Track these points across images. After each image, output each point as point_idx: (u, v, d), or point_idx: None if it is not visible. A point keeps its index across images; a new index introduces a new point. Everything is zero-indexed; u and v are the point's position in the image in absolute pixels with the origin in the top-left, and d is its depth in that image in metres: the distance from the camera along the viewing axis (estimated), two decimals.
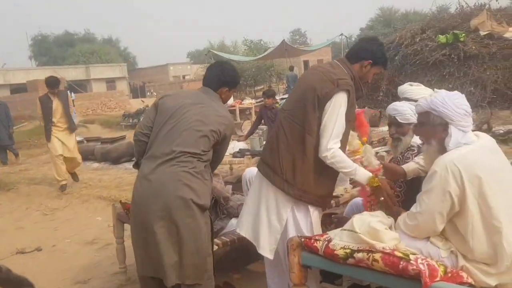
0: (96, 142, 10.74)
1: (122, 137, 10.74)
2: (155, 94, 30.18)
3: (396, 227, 2.24)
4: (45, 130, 7.15)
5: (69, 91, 14.31)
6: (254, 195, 2.67)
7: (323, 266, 2.32)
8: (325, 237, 2.30)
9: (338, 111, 2.37)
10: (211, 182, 2.67)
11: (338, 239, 2.21)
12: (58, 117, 7.03)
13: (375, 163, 2.69)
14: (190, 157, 2.47)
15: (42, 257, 4.57)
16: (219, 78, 2.72)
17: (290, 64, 21.17)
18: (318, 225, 2.59)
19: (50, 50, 47.68)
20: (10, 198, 7.33)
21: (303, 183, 2.45)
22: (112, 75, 37.21)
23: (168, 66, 43.71)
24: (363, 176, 2.45)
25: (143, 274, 2.57)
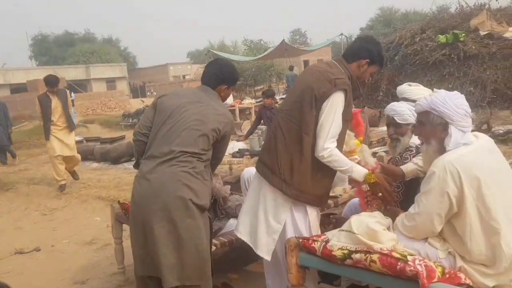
0: (95, 142, 10.73)
1: (122, 137, 10.73)
2: (155, 94, 30.13)
3: (394, 228, 2.23)
4: (44, 129, 7.12)
5: (69, 91, 14.32)
6: (253, 196, 2.67)
7: (321, 267, 2.32)
8: (323, 237, 2.30)
9: (335, 111, 2.36)
10: (211, 183, 2.66)
11: (336, 240, 2.20)
12: (57, 116, 7.01)
13: (372, 162, 2.69)
14: (190, 156, 2.46)
15: (40, 257, 4.56)
16: (218, 76, 2.70)
17: (290, 64, 21.16)
18: (316, 225, 2.59)
19: (50, 50, 47.66)
20: (9, 198, 7.33)
21: (301, 183, 2.45)
22: (112, 75, 37.21)
23: (168, 66, 43.68)
24: (360, 173, 2.46)
25: (142, 273, 2.56)
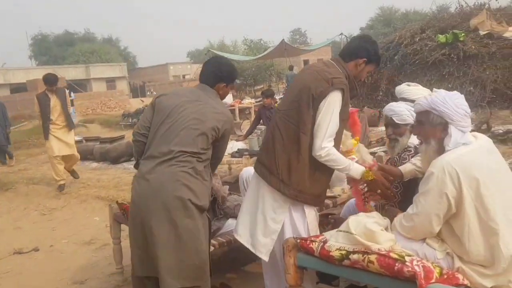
0: (95, 142, 10.71)
1: (121, 136, 10.71)
2: (155, 93, 30.13)
3: (392, 228, 2.23)
4: (43, 128, 7.08)
5: (68, 91, 14.31)
6: (251, 196, 2.66)
7: (319, 267, 2.31)
8: (320, 238, 2.29)
9: (332, 110, 2.36)
10: (211, 183, 2.66)
11: (333, 240, 2.20)
12: (56, 115, 6.97)
13: (370, 160, 2.69)
14: (189, 156, 2.46)
15: (39, 257, 4.56)
16: (216, 74, 2.69)
17: (290, 63, 21.16)
18: (315, 225, 2.59)
19: (50, 49, 47.66)
20: (9, 198, 7.33)
21: (299, 183, 2.45)
22: (112, 75, 37.21)
23: (168, 65, 43.69)
24: (357, 171, 2.46)
25: (141, 274, 2.55)
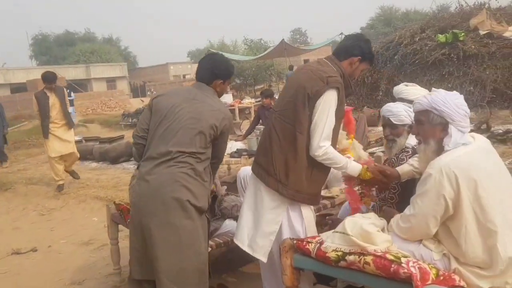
0: (94, 142, 10.71)
1: (121, 136, 10.71)
2: (155, 93, 30.15)
3: (388, 229, 2.22)
4: (42, 127, 7.04)
5: (69, 91, 14.32)
6: (249, 198, 2.65)
7: (315, 268, 2.31)
8: (317, 239, 2.29)
9: (328, 109, 2.36)
10: (210, 184, 2.64)
11: (330, 242, 2.19)
12: (55, 113, 6.93)
13: (365, 156, 2.69)
14: (188, 156, 2.45)
15: (37, 257, 4.55)
16: (212, 71, 2.67)
17: (290, 63, 21.15)
18: (312, 225, 2.58)
19: (50, 49, 47.68)
20: (8, 198, 7.33)
21: (296, 183, 2.44)
22: (112, 75, 37.26)
23: (168, 65, 43.70)
24: (355, 169, 2.47)
25: (139, 277, 2.54)
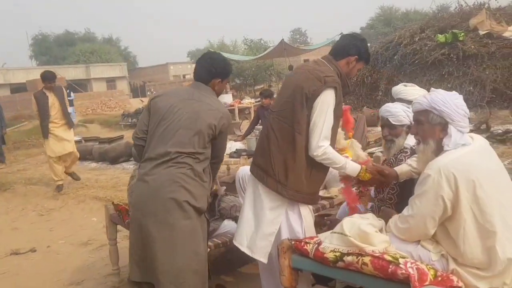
0: (94, 142, 10.71)
1: (120, 137, 10.69)
2: (155, 93, 30.14)
3: (387, 230, 2.22)
4: (41, 127, 7.01)
5: (68, 91, 14.31)
6: (249, 199, 2.64)
7: (314, 269, 2.31)
8: (315, 240, 2.29)
9: (326, 109, 2.37)
10: (210, 184, 2.63)
11: (328, 242, 2.19)
12: (55, 113, 6.91)
13: (363, 155, 2.69)
14: (186, 157, 2.44)
15: (36, 258, 4.55)
16: (210, 70, 2.65)
17: (290, 63, 21.14)
18: (311, 226, 2.58)
19: (50, 49, 47.66)
20: (7, 198, 7.32)
21: (296, 183, 2.44)
22: (112, 75, 37.26)
23: (168, 65, 43.71)
24: (354, 169, 2.47)
25: (137, 279, 2.54)
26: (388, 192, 2.69)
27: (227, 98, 15.43)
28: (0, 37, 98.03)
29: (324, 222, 3.01)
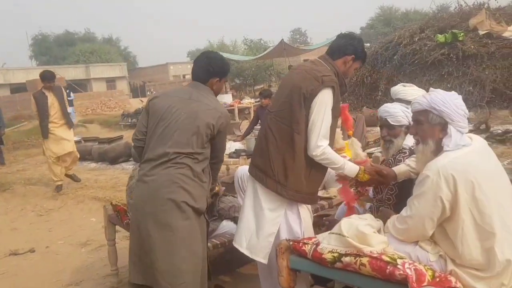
0: (93, 142, 10.72)
1: (120, 137, 10.70)
2: (155, 93, 30.17)
3: (385, 230, 2.21)
4: (41, 127, 7.00)
5: (68, 91, 14.31)
6: (248, 200, 2.64)
7: (312, 269, 2.30)
8: (313, 240, 2.28)
9: (324, 108, 2.37)
10: (209, 184, 2.63)
11: (326, 243, 2.19)
12: (54, 113, 6.90)
13: (362, 155, 2.69)
14: (185, 157, 2.44)
15: (35, 258, 4.55)
16: (207, 70, 2.64)
17: (290, 63, 21.14)
18: (310, 226, 2.58)
19: (50, 49, 47.65)
20: (6, 199, 7.32)
21: (295, 183, 2.44)
22: (112, 75, 37.25)
23: (168, 65, 43.68)
24: (352, 170, 2.47)
25: (137, 281, 2.53)
26: (386, 192, 2.69)
27: (227, 98, 15.43)
28: (0, 37, 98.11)
29: (322, 223, 3.01)
